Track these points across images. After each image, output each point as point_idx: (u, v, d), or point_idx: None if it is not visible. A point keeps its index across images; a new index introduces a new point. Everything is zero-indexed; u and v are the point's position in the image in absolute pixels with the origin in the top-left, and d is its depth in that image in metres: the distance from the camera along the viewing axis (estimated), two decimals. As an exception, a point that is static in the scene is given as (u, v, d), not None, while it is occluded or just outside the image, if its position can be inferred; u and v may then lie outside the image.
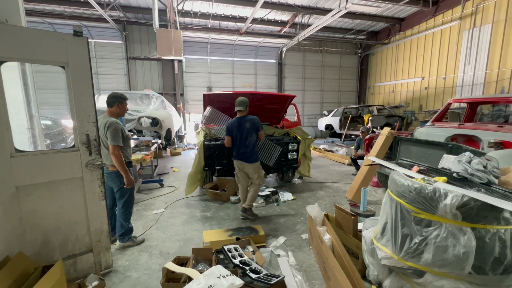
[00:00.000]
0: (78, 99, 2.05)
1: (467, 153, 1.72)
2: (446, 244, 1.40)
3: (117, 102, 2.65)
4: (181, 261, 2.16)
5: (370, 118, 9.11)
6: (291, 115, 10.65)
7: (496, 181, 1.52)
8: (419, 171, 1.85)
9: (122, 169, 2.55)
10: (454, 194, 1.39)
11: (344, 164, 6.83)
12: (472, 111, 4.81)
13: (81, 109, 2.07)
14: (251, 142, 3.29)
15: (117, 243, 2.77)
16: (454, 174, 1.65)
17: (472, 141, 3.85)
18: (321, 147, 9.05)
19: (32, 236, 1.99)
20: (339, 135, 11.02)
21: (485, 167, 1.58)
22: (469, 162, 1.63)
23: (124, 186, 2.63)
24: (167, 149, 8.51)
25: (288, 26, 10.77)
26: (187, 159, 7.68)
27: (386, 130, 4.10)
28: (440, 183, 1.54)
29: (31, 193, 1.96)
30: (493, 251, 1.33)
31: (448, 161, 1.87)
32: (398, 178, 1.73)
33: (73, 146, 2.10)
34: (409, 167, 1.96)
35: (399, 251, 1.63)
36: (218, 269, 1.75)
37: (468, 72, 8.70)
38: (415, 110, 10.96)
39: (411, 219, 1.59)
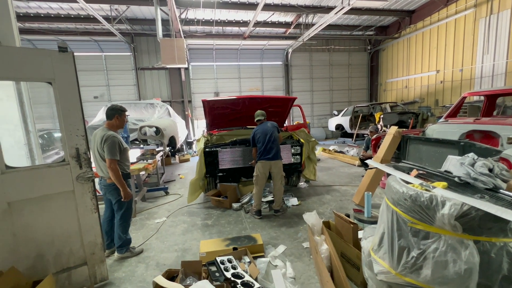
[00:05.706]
0: (66, 113, 2.08)
1: (471, 154, 1.53)
2: (446, 259, 1.24)
3: (116, 114, 2.69)
4: (172, 274, 2.11)
5: (382, 116, 8.74)
6: (298, 116, 10.47)
7: (504, 186, 1.33)
8: (418, 176, 1.67)
9: (119, 182, 2.56)
10: (452, 202, 1.23)
11: (354, 165, 6.56)
12: (491, 104, 4.46)
13: (69, 123, 2.09)
14: (275, 138, 3.68)
15: (115, 254, 2.77)
16: (456, 179, 1.48)
17: (490, 137, 3.53)
18: (331, 148, 8.78)
19: (25, 250, 2.01)
20: (350, 135, 10.67)
21: (491, 170, 1.39)
22: (473, 165, 1.45)
23: (122, 200, 2.63)
24: (176, 156, 8.61)
25: (292, 27, 10.63)
26: (195, 166, 7.71)
27: (393, 129, 3.87)
28: (438, 189, 1.38)
29: (23, 208, 1.99)
30: (500, 268, 1.15)
31: (452, 164, 1.69)
32: (393, 184, 1.58)
33: (63, 160, 2.12)
34: (408, 171, 1.79)
35: (397, 265, 1.47)
36: (203, 285, 1.67)
37: (487, 62, 8.14)
38: (431, 105, 10.41)
39: (408, 230, 1.43)
